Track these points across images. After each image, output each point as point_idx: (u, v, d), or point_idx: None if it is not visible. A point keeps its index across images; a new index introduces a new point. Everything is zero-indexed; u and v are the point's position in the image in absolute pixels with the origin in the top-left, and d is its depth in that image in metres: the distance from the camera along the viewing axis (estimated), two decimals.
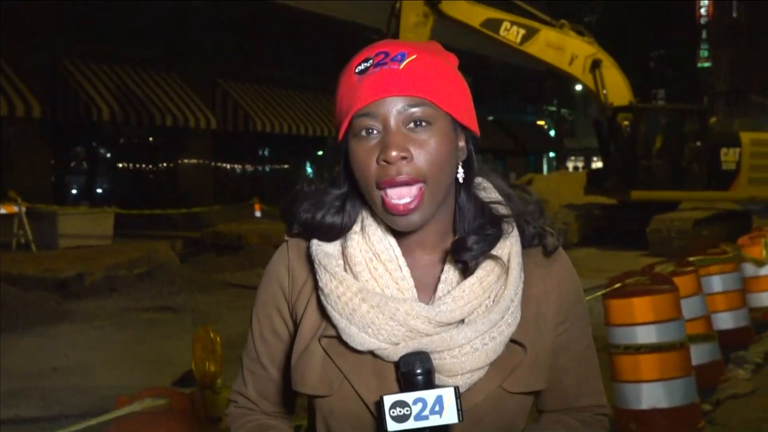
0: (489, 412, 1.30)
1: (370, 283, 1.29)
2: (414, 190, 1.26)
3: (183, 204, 21.59)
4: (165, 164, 25.36)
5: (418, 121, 1.27)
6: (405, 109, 1.27)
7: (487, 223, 1.33)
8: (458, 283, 1.29)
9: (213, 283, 11.22)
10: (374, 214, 1.33)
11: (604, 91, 17.50)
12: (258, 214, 20.85)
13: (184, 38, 24.17)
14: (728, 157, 17.12)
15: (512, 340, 1.29)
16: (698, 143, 17.34)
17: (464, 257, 1.29)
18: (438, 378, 1.25)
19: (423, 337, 1.24)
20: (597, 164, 34.56)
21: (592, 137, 20.32)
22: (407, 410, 1.19)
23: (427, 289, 1.32)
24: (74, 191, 23.69)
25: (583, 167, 44.68)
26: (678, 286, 4.92)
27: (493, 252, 1.30)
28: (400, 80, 1.27)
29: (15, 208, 16.00)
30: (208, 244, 15.62)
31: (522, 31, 17.46)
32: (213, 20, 24.97)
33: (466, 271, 1.30)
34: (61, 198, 21.46)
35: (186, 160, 25.31)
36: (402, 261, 1.31)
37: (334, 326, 1.29)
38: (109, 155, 25.20)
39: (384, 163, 1.25)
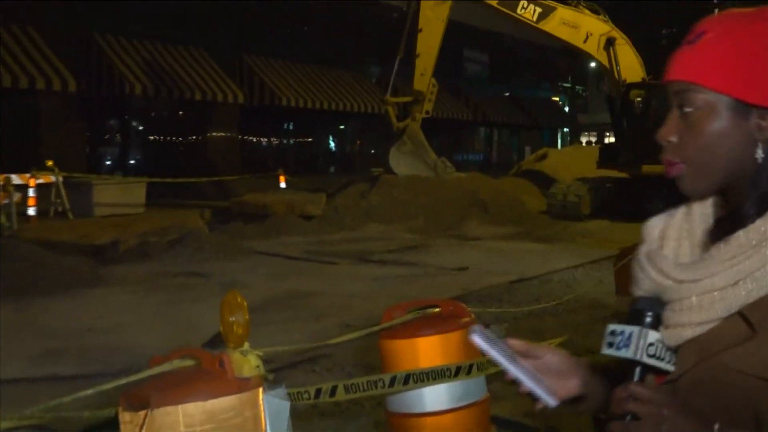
0: (705, 381, 1.24)
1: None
2: (676, 169, 1.29)
3: (211, 175, 21.67)
4: (194, 137, 25.40)
5: (685, 106, 1.27)
6: (677, 93, 1.28)
7: None
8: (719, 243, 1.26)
9: (240, 250, 11.26)
10: None
11: (618, 68, 17.39)
12: (283, 184, 20.87)
13: (213, 16, 24.13)
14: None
15: (742, 315, 1.21)
16: None
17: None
18: (662, 327, 1.26)
19: (664, 284, 1.27)
20: (610, 139, 34.25)
21: (605, 113, 20.14)
22: (618, 339, 1.25)
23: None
24: (108, 162, 23.81)
25: (596, 142, 44.33)
26: None
27: (760, 221, 1.24)
28: (678, 63, 1.29)
29: (52, 178, 16.10)
30: (235, 213, 15.67)
31: (538, 9, 17.31)
32: None
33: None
34: (96, 168, 21.57)
35: (214, 133, 25.35)
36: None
37: None
38: (140, 128, 25.26)
39: None
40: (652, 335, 1.24)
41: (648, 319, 1.25)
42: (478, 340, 1.33)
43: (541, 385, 1.33)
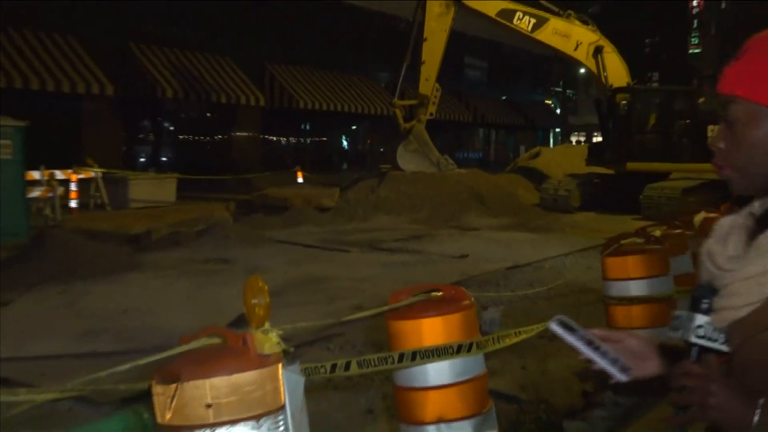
0: (751, 359, 1.26)
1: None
2: (723, 173, 1.34)
3: (235, 171, 21.70)
4: (220, 136, 25.43)
5: (730, 116, 1.30)
6: (724, 104, 1.31)
7: None
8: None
9: (261, 238, 11.27)
10: None
11: (605, 74, 17.33)
12: (300, 180, 20.90)
13: (237, 26, 24.12)
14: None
15: None
16: (687, 120, 17.13)
17: None
18: (714, 310, 1.30)
19: (715, 273, 1.32)
20: (597, 139, 34.14)
21: (593, 115, 20.08)
22: (676, 323, 1.32)
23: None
24: (142, 159, 23.86)
25: (585, 141, 44.17)
26: (667, 246, 4.88)
27: None
28: (723, 78, 1.31)
29: (92, 174, 16.15)
30: (257, 205, 15.69)
31: (533, 20, 17.27)
32: (261, 11, 24.88)
33: None
34: (131, 165, 21.62)
35: (238, 133, 25.37)
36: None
37: None
38: (171, 128, 25.32)
39: None
40: (701, 318, 1.29)
41: (702, 305, 1.29)
42: (555, 327, 1.46)
43: (616, 364, 1.40)
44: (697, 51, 55.28)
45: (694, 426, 1.28)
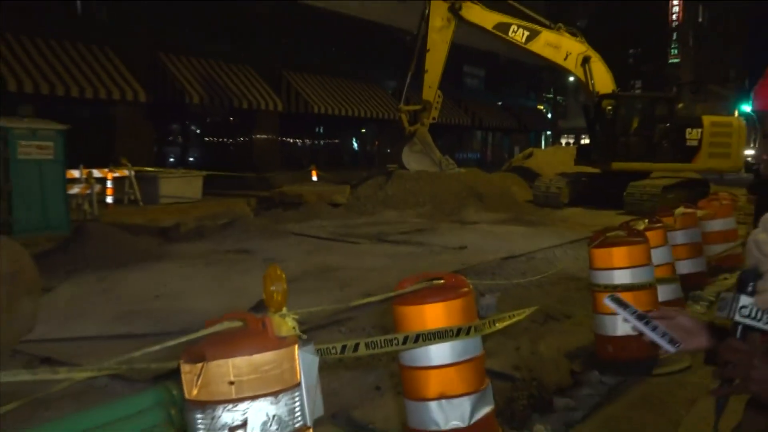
0: None
1: None
2: None
3: (255, 170, 21.71)
4: (241, 138, 25.43)
5: (765, 129, 1.33)
6: (761, 120, 1.33)
7: None
8: None
9: (279, 231, 11.29)
10: None
11: (592, 82, 17.27)
12: (314, 178, 20.90)
13: (257, 38, 24.15)
14: (692, 135, 16.85)
15: None
16: (667, 124, 17.05)
17: None
18: (758, 293, 1.33)
19: (760, 258, 1.36)
20: (585, 141, 34.03)
21: (581, 119, 19.99)
22: (722, 304, 1.37)
23: None
24: (171, 159, 23.88)
25: (574, 143, 44.01)
26: (648, 239, 4.86)
27: None
28: (757, 95, 1.33)
29: (126, 172, 16.19)
30: (275, 201, 15.71)
31: (526, 33, 17.22)
32: (279, 25, 24.90)
33: None
34: (161, 164, 21.64)
35: (258, 136, 25.37)
36: None
37: None
38: (198, 131, 25.32)
39: None
40: (744, 299, 1.32)
41: (748, 288, 1.33)
42: (610, 303, 1.53)
43: (664, 337, 1.45)
44: (676, 61, 55.05)
45: (738, 396, 1.32)
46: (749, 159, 17.99)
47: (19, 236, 8.50)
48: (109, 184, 15.69)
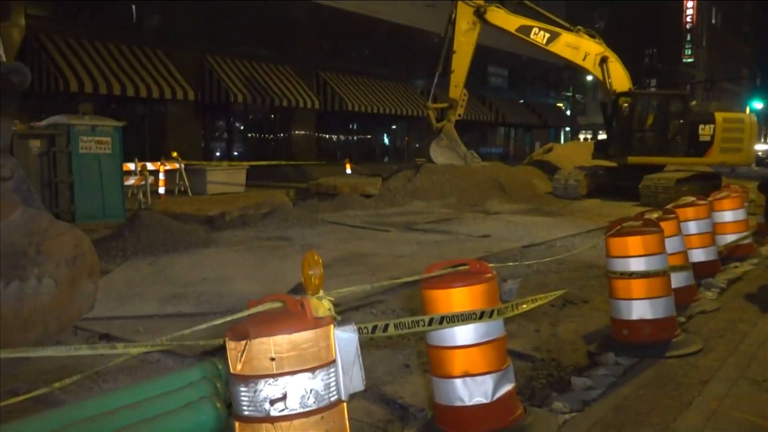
0: None
1: None
2: None
3: (294, 163, 21.81)
4: (281, 134, 25.56)
5: None
6: None
7: None
8: None
9: (316, 220, 11.31)
10: None
11: (610, 81, 17.02)
12: (348, 171, 20.94)
13: (296, 41, 24.21)
14: (705, 131, 16.53)
15: None
16: (681, 121, 16.73)
17: None
18: None
19: None
20: (602, 136, 33.57)
21: (599, 115, 19.71)
22: None
23: None
24: (217, 153, 24.10)
25: (592, 138, 43.44)
26: (662, 229, 4.78)
27: None
28: None
29: (177, 165, 16.40)
30: (312, 192, 15.77)
31: (547, 35, 17.02)
32: (317, 29, 24.91)
33: None
34: (208, 157, 21.88)
35: (296, 132, 25.48)
36: None
37: None
38: (241, 127, 25.50)
39: None
40: None
41: None
42: None
43: None
44: (690, 60, 53.91)
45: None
46: (760, 153, 17.58)
47: (80, 223, 8.63)
48: (161, 176, 15.91)
